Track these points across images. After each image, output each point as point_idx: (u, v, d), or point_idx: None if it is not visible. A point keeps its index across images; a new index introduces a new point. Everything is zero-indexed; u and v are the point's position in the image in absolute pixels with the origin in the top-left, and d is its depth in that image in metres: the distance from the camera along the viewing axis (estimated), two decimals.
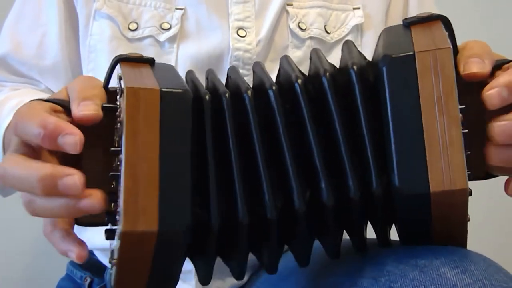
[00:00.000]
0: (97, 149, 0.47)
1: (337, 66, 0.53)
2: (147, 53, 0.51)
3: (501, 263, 0.49)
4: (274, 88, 0.49)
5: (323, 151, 0.48)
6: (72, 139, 0.43)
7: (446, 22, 0.50)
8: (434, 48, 0.47)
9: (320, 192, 0.48)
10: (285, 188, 0.48)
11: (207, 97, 0.48)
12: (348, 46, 0.53)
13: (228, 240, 0.49)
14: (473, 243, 0.51)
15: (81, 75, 0.72)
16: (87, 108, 0.46)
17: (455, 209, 0.47)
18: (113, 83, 0.49)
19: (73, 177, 0.42)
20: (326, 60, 0.52)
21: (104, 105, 0.47)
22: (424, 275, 0.46)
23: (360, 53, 0.52)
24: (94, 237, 0.75)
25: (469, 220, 0.48)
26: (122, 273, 0.46)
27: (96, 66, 0.76)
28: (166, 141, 0.44)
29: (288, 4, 0.78)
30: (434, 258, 0.47)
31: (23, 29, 0.80)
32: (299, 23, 0.78)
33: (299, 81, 0.49)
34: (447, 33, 0.49)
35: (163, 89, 0.45)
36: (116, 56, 0.49)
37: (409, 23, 0.51)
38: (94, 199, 0.43)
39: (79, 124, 0.45)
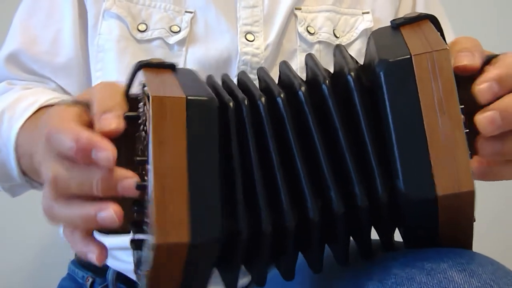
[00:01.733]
0: (120, 157, 0.46)
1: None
2: (156, 55, 0.51)
3: (508, 265, 0.49)
4: (282, 96, 0.48)
5: (330, 159, 0.48)
6: (105, 155, 0.43)
7: (434, 21, 0.50)
8: (431, 50, 0.46)
9: (330, 201, 0.48)
10: (299, 197, 0.48)
11: (231, 104, 0.47)
12: (341, 51, 0.53)
13: (252, 248, 0.49)
14: (478, 244, 0.51)
15: (103, 82, 0.71)
16: (108, 122, 0.45)
17: (462, 211, 0.47)
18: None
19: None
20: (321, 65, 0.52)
21: (127, 114, 0.46)
22: (431, 278, 0.46)
23: (352, 57, 0.52)
24: (97, 237, 0.76)
25: (474, 221, 0.48)
26: (153, 284, 0.46)
27: (104, 66, 0.76)
28: (194, 150, 0.44)
29: (296, 8, 0.78)
30: (441, 261, 0.47)
31: (35, 25, 0.79)
32: (307, 27, 0.78)
33: (303, 88, 0.49)
34: (438, 33, 0.48)
35: (189, 97, 0.44)
36: (138, 62, 0.48)
37: (398, 24, 0.50)
38: (115, 212, 0.43)
39: None
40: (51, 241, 1.20)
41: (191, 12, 0.76)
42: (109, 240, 0.50)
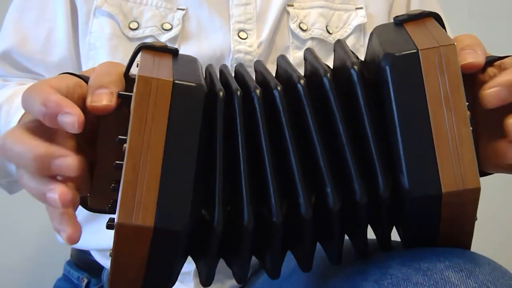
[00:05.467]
0: (112, 136, 0.45)
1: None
2: None
3: (504, 264, 0.49)
4: (279, 88, 0.47)
5: (328, 154, 0.47)
6: (70, 118, 0.42)
7: (438, 19, 0.49)
8: (438, 45, 0.46)
9: (326, 197, 0.47)
10: (290, 192, 0.47)
11: (221, 93, 0.46)
12: (342, 46, 0.52)
13: (231, 242, 0.48)
14: (475, 243, 0.50)
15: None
16: (100, 98, 0.45)
17: (465, 209, 0.46)
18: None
19: (67, 159, 0.42)
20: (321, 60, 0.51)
21: (121, 92, 0.46)
22: (427, 278, 0.46)
23: (353, 52, 0.51)
24: (91, 238, 0.75)
25: (476, 220, 0.48)
26: (117, 266, 0.45)
27: (95, 64, 0.74)
28: (173, 135, 0.43)
29: (289, 5, 0.78)
30: (438, 261, 0.47)
31: (28, 23, 0.78)
32: (300, 23, 0.77)
33: (302, 81, 0.48)
34: (444, 30, 0.48)
35: (176, 81, 0.44)
36: (139, 44, 0.48)
37: (401, 21, 0.50)
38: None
39: None
40: (46, 241, 1.20)
41: (183, 9, 0.76)
42: (107, 242, 0.49)
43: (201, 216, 0.46)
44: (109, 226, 0.46)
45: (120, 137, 0.44)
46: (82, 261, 0.85)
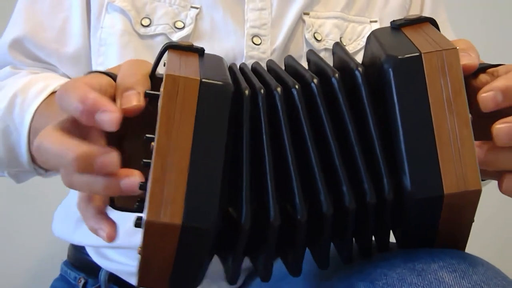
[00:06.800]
0: (140, 135, 0.46)
1: None
2: (158, 51, 0.51)
3: (499, 266, 0.49)
4: (297, 86, 0.48)
5: (341, 154, 0.47)
6: (108, 116, 0.43)
7: (434, 24, 0.50)
8: (441, 49, 0.46)
9: (343, 196, 0.47)
10: (311, 190, 0.47)
11: (247, 92, 0.46)
12: (341, 48, 0.52)
13: (256, 240, 0.48)
14: (471, 245, 0.51)
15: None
16: (129, 99, 0.45)
17: (464, 211, 0.47)
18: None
19: (110, 155, 0.42)
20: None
21: (147, 91, 0.46)
22: (422, 279, 0.46)
23: (350, 54, 0.52)
24: (91, 234, 0.75)
25: (473, 222, 0.48)
26: (145, 263, 0.45)
27: (105, 60, 0.75)
28: (200, 133, 0.43)
29: (305, 13, 0.77)
30: (432, 261, 0.47)
31: (42, 11, 0.77)
32: (314, 33, 0.77)
33: (315, 81, 0.48)
34: (442, 34, 0.49)
35: (204, 80, 0.44)
36: (166, 43, 0.48)
37: (399, 25, 0.51)
38: (136, 178, 0.43)
39: None
40: (43, 241, 1.20)
41: (197, 8, 0.75)
42: (101, 240, 0.50)
43: (228, 213, 0.46)
44: (138, 224, 0.46)
45: (147, 135, 0.45)
46: (79, 261, 0.85)
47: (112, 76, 0.49)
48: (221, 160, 0.44)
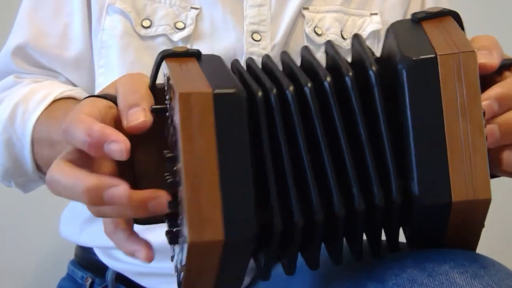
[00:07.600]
0: (148, 150, 0.46)
1: None
2: (158, 51, 0.50)
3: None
4: (309, 85, 0.46)
5: (353, 155, 0.47)
6: (117, 147, 0.43)
7: (457, 19, 0.49)
8: (458, 52, 0.45)
9: (352, 197, 0.47)
10: (323, 191, 0.47)
11: (259, 94, 0.45)
12: (359, 42, 0.51)
13: (283, 240, 0.48)
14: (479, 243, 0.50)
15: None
16: (135, 117, 0.45)
17: (474, 218, 0.46)
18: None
19: (118, 189, 0.42)
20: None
21: (154, 107, 0.46)
22: (432, 279, 0.46)
23: (369, 48, 0.51)
24: (96, 237, 0.75)
25: (483, 227, 0.48)
26: (189, 280, 0.46)
27: (107, 62, 0.75)
28: (224, 146, 0.43)
29: (304, 8, 0.77)
30: (443, 262, 0.47)
31: (44, 17, 0.77)
32: (315, 27, 0.77)
33: (328, 79, 0.47)
34: (463, 32, 0.47)
35: (216, 91, 0.43)
36: (160, 52, 0.48)
37: (419, 19, 0.49)
38: (163, 199, 0.43)
39: None
40: (50, 240, 1.20)
41: (197, 8, 0.75)
42: (106, 241, 0.50)
43: (261, 219, 0.45)
44: (173, 241, 0.47)
45: (168, 155, 0.45)
46: (86, 260, 0.85)
47: (108, 98, 0.48)
48: (248, 168, 0.43)
